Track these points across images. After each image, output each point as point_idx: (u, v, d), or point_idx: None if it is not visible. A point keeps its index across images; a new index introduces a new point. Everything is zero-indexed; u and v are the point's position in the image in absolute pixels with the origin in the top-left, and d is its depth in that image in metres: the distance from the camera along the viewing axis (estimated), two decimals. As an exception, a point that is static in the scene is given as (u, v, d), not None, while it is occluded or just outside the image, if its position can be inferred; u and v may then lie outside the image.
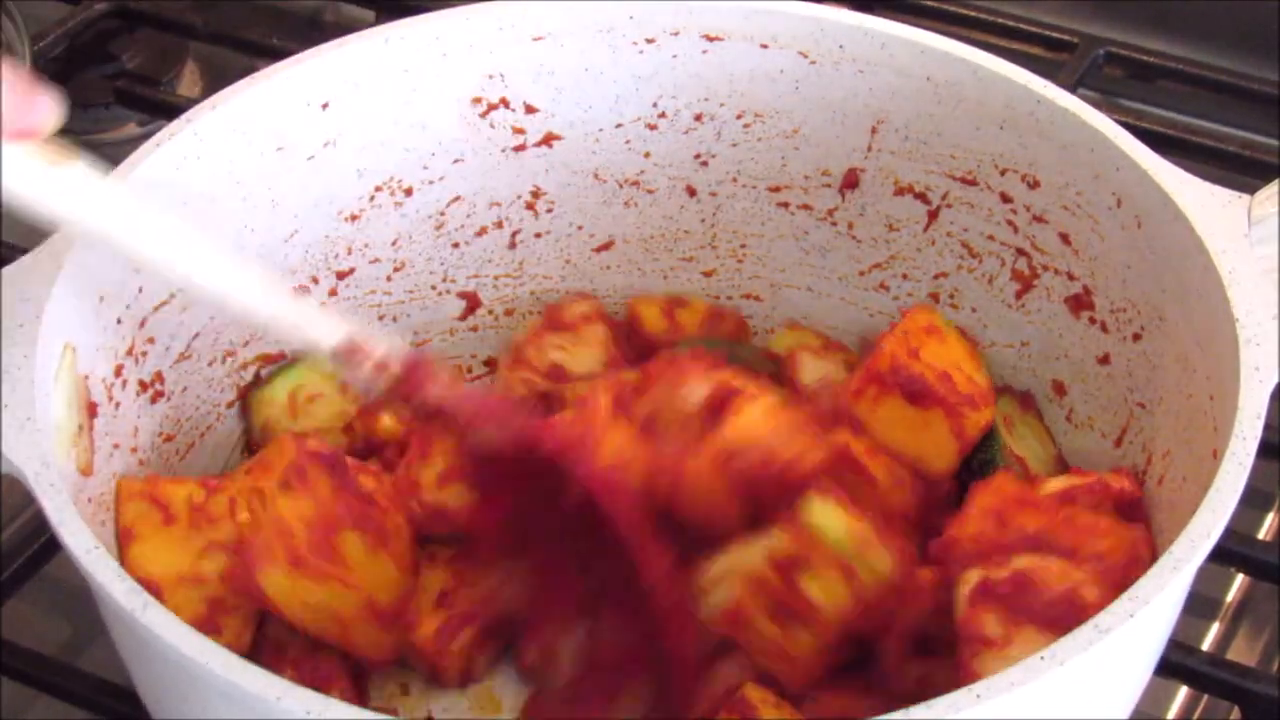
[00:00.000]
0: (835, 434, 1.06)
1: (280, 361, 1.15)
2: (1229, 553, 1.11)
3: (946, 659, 0.94)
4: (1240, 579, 1.20)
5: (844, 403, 1.08)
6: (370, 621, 0.97)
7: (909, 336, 1.09)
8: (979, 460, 1.09)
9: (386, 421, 1.13)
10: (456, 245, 1.21)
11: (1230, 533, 0.88)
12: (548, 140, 1.19)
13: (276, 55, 1.13)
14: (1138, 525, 0.97)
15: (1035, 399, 1.14)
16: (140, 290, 1.03)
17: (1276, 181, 1.01)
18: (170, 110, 1.27)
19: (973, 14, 1.57)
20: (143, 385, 1.05)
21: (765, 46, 1.15)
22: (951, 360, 1.10)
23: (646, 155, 1.21)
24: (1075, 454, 1.12)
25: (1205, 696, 1.12)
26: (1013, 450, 1.08)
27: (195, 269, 0.92)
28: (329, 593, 0.95)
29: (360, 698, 1.02)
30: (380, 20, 1.25)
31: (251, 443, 1.14)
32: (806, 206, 1.21)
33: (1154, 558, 0.89)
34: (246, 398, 1.14)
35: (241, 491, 0.98)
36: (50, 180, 0.86)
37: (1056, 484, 1.02)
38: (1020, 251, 1.14)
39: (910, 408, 1.07)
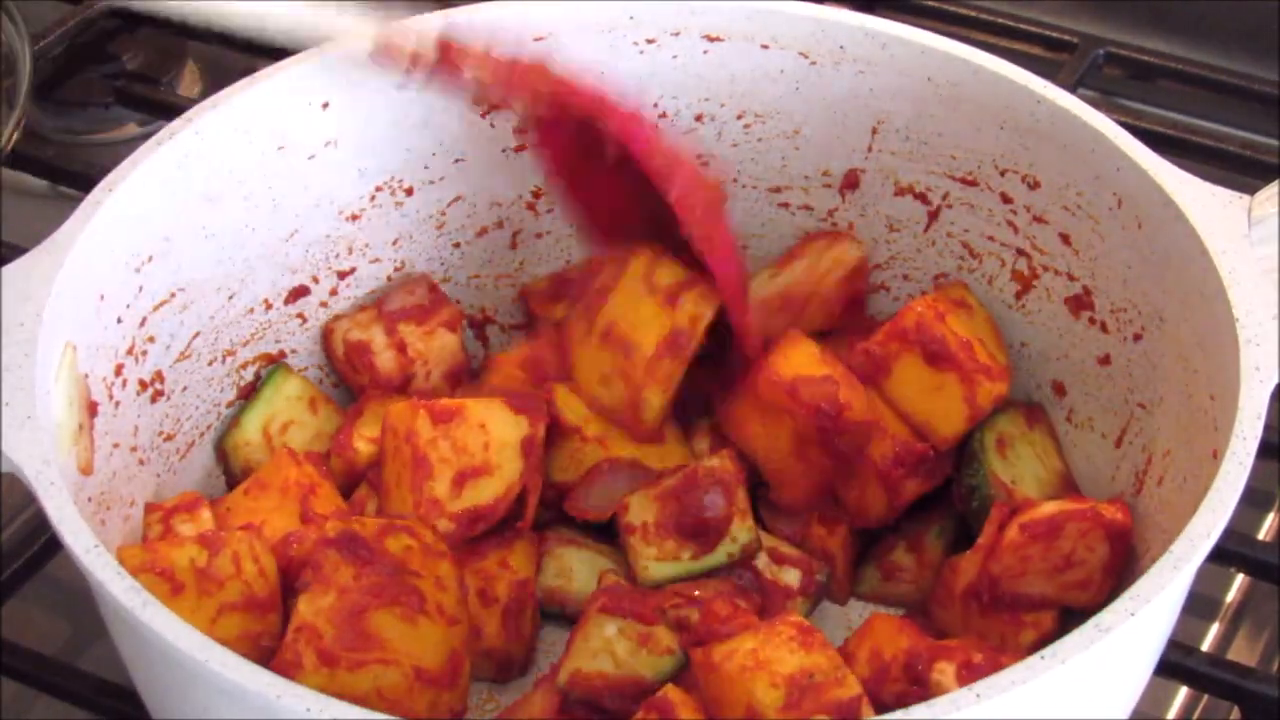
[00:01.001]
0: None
1: (272, 365, 1.15)
2: (1229, 553, 1.11)
3: None
4: (1240, 579, 1.20)
5: (860, 358, 1.10)
6: (423, 688, 0.93)
7: (938, 303, 1.11)
8: (966, 485, 1.09)
9: (362, 447, 1.10)
10: (457, 245, 1.21)
11: (1230, 533, 0.88)
12: (548, 140, 1.19)
13: (276, 55, 1.13)
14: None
15: (1044, 411, 1.14)
16: (140, 290, 1.03)
17: (1276, 182, 1.01)
18: (170, 110, 1.26)
19: (973, 14, 1.57)
20: (143, 384, 1.05)
21: (766, 47, 1.15)
22: (975, 333, 1.11)
23: (647, 155, 1.21)
24: (1076, 454, 1.12)
25: (1205, 696, 1.11)
26: (999, 476, 1.08)
27: None
28: (371, 676, 0.91)
29: None
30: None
31: (231, 487, 1.11)
32: (807, 207, 1.21)
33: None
34: (220, 444, 1.12)
35: (242, 543, 0.95)
36: None
37: (1049, 508, 1.01)
38: (1020, 252, 1.14)
39: (926, 368, 1.08)
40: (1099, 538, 0.99)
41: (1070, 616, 1.01)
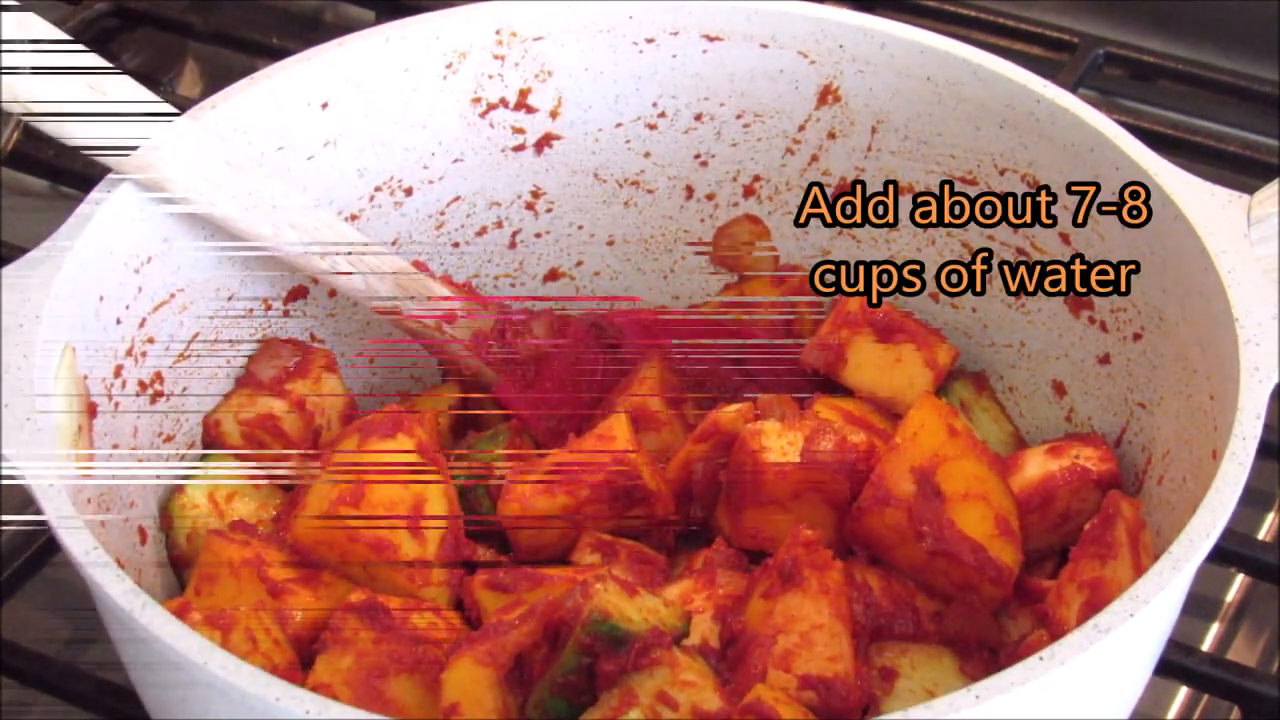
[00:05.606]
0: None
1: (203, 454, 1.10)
2: (1229, 553, 1.12)
3: None
4: (1240, 579, 1.20)
5: (816, 353, 1.12)
6: None
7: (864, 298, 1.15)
8: None
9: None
10: (456, 245, 1.21)
11: (1230, 533, 0.88)
12: (548, 140, 1.19)
13: (276, 55, 1.13)
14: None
15: (988, 378, 1.16)
16: (140, 290, 1.03)
17: (1276, 181, 1.01)
18: (170, 110, 1.26)
19: (973, 14, 1.57)
20: (142, 385, 1.05)
21: (765, 46, 1.15)
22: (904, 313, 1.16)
23: (646, 155, 1.21)
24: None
25: (1205, 696, 1.12)
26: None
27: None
28: None
29: None
30: (380, 20, 1.25)
31: (175, 558, 1.05)
32: (807, 206, 1.21)
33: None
34: (165, 508, 1.06)
35: (252, 618, 0.94)
36: None
37: (1034, 471, 1.04)
38: (1020, 252, 1.14)
39: (880, 345, 1.11)
40: (1090, 490, 1.03)
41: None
